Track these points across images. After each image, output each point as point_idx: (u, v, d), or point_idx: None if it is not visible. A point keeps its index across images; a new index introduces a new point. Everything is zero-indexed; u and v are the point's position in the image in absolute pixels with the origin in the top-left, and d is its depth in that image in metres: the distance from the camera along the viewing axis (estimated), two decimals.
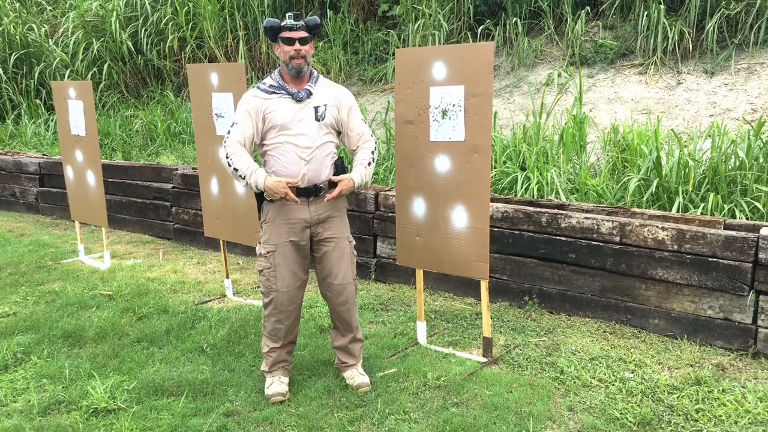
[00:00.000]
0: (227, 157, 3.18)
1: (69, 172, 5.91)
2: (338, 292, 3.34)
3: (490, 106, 3.47)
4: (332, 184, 3.24)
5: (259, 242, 3.33)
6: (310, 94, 3.20)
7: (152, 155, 8.45)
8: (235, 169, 3.16)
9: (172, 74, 10.14)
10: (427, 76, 3.64)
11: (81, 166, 5.72)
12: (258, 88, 3.23)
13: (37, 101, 10.59)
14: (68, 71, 10.33)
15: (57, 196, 7.76)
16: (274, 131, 3.17)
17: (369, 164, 3.31)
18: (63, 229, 7.25)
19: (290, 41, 3.12)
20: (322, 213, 3.25)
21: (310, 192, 3.21)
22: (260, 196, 3.27)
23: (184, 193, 6.40)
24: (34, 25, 11.07)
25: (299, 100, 3.18)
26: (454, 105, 3.56)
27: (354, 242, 3.44)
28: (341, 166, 3.31)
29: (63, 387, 3.45)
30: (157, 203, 6.74)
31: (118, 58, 10.27)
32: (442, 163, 3.65)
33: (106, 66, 10.16)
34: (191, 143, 8.34)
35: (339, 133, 3.35)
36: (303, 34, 3.13)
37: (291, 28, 3.12)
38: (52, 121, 10.12)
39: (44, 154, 8.49)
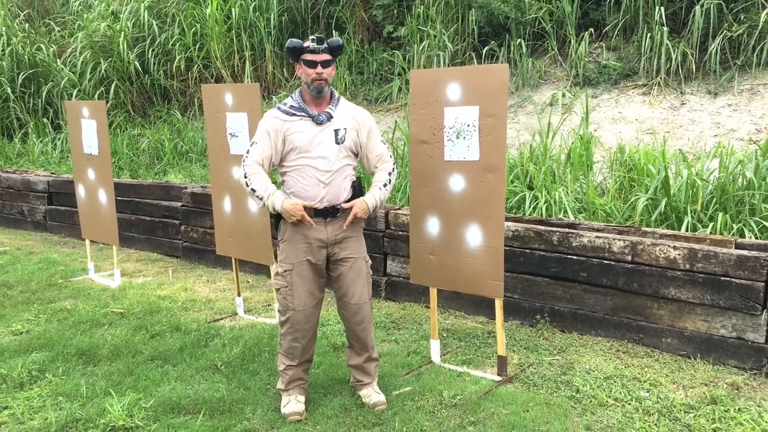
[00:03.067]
0: (245, 177, 3.21)
1: (81, 191, 5.95)
2: (354, 311, 3.36)
3: (505, 126, 3.52)
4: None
5: (277, 261, 3.35)
6: (330, 116, 3.22)
7: (159, 174, 8.50)
8: (253, 190, 3.20)
9: (179, 94, 10.22)
10: (441, 96, 3.69)
11: (93, 185, 5.76)
12: (279, 109, 3.26)
13: (44, 120, 10.67)
14: (76, 91, 10.42)
15: (65, 215, 7.80)
16: (294, 153, 3.20)
17: (385, 186, 3.33)
18: (71, 247, 7.28)
19: (312, 64, 3.15)
20: (339, 233, 3.28)
21: (327, 213, 3.23)
22: (278, 216, 3.30)
23: (194, 212, 6.43)
24: (42, 45, 11.18)
25: (319, 123, 3.20)
26: (468, 125, 3.61)
27: (370, 262, 3.46)
28: (359, 188, 3.33)
29: (80, 405, 3.45)
30: (166, 221, 6.77)
31: (125, 78, 10.37)
32: (457, 183, 3.69)
33: (113, 86, 10.25)
34: (198, 162, 8.40)
35: (357, 155, 3.38)
36: (325, 57, 3.16)
37: (314, 51, 3.14)
38: (59, 140, 10.19)
39: (52, 173, 8.54)
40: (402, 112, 8.20)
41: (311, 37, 3.17)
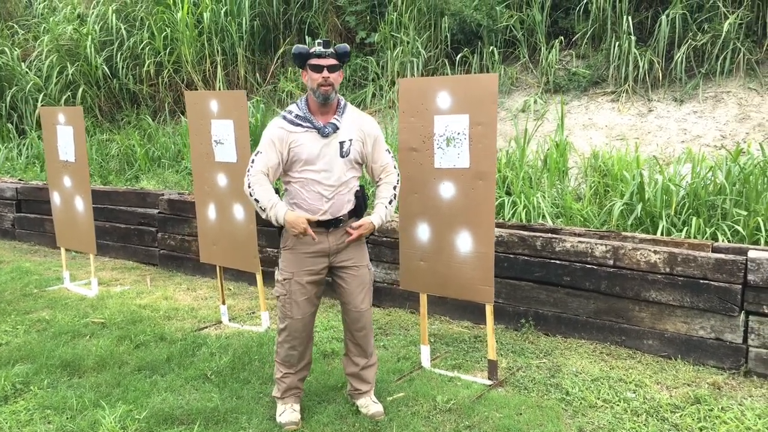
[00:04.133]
0: (249, 187, 3.18)
1: (56, 198, 5.84)
2: (356, 318, 3.37)
3: (495, 134, 3.59)
4: (353, 214, 3.28)
5: (278, 268, 3.35)
6: (336, 128, 3.18)
7: (131, 180, 8.37)
8: (256, 200, 3.16)
9: (149, 99, 10.08)
10: (431, 105, 3.74)
11: (69, 192, 5.66)
12: (284, 118, 3.22)
13: (9, 125, 10.40)
14: (41, 95, 10.18)
15: (34, 222, 7.62)
16: (299, 165, 3.17)
17: (390, 202, 3.32)
18: (43, 256, 7.12)
19: (318, 68, 3.11)
20: (342, 243, 3.28)
21: (330, 224, 3.23)
22: None
23: (171, 219, 6.36)
24: (6, 49, 10.89)
25: (325, 136, 3.16)
26: (458, 133, 3.67)
27: (372, 269, 3.48)
28: (362, 198, 3.32)
29: (69, 418, 3.40)
30: (141, 229, 6.68)
31: (92, 83, 10.17)
32: (447, 190, 3.75)
33: (80, 90, 10.04)
34: (171, 168, 8.29)
35: (362, 164, 3.35)
36: (332, 61, 3.13)
37: (320, 56, 3.11)
38: (23, 145, 9.94)
39: (20, 179, 8.34)
40: (377, 117, 8.25)
41: (318, 41, 3.15)
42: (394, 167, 3.39)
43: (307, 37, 9.40)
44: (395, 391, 3.64)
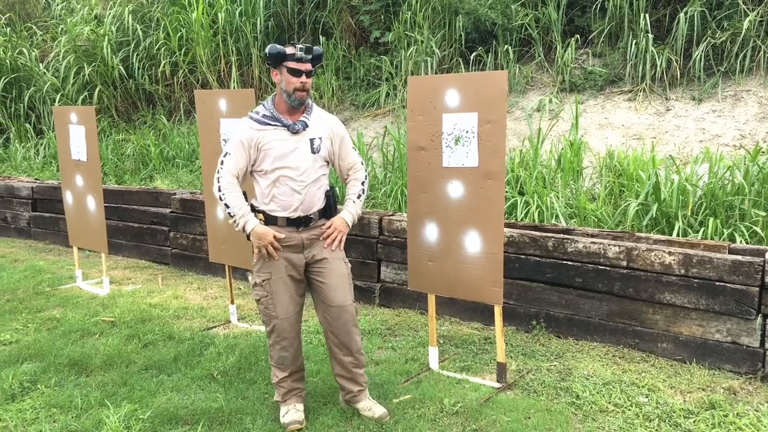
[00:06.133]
0: (219, 191, 3.17)
1: (68, 197, 5.87)
2: (337, 315, 3.27)
3: (504, 133, 3.52)
4: (323, 214, 3.29)
5: (253, 271, 3.31)
6: (305, 125, 3.19)
7: (145, 179, 8.41)
8: (227, 205, 3.16)
9: (164, 99, 10.13)
10: (439, 103, 3.69)
11: (81, 191, 5.68)
12: (251, 118, 3.20)
13: (27, 125, 10.51)
14: (59, 95, 10.28)
15: (50, 221, 7.68)
16: (270, 162, 3.14)
17: (359, 197, 3.35)
18: (57, 255, 7.17)
19: (297, 73, 3.10)
20: (314, 237, 3.26)
21: (300, 222, 3.22)
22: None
23: (183, 218, 6.37)
24: (24, 50, 11.01)
25: (295, 132, 3.16)
26: (467, 131, 3.61)
27: (350, 264, 3.42)
28: (333, 197, 3.32)
29: (74, 416, 3.39)
30: (154, 228, 6.70)
31: (109, 83, 10.25)
32: (455, 189, 3.69)
33: (97, 90, 10.12)
34: (185, 167, 8.32)
35: (329, 163, 3.37)
36: (310, 67, 3.13)
37: (300, 60, 3.10)
38: (41, 145, 10.04)
39: (36, 179, 8.41)
40: (390, 117, 8.20)
41: (299, 45, 3.09)
42: (362, 164, 3.40)
43: (321, 36, 9.39)
44: (402, 393, 3.59)
